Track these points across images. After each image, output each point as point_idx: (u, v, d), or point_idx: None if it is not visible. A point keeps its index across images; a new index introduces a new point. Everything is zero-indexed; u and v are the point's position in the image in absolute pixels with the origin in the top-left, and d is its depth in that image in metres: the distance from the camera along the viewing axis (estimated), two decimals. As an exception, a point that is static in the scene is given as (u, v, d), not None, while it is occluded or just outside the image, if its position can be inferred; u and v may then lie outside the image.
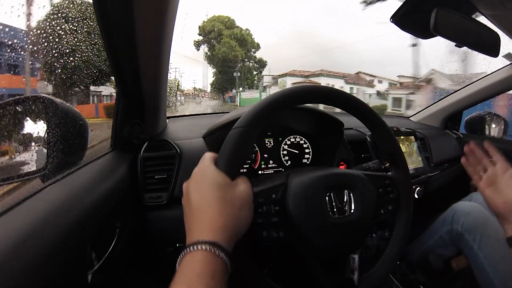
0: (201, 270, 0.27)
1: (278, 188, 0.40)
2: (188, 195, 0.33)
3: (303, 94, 0.42)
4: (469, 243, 0.77)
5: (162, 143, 0.66)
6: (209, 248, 0.28)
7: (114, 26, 0.45)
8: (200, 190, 0.32)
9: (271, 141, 0.75)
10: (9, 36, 1.87)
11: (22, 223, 0.32)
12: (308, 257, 0.41)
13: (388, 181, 0.48)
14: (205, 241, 0.28)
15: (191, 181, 0.34)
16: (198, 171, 0.34)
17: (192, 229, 0.31)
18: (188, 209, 0.33)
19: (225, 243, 0.30)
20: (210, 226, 0.30)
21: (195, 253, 0.28)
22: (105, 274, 0.43)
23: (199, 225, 0.30)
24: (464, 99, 1.25)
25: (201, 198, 0.32)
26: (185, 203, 0.34)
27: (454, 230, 0.82)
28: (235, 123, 0.38)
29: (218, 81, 30.20)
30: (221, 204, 0.32)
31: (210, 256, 0.28)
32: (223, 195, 0.32)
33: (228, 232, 0.31)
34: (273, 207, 0.39)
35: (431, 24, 0.53)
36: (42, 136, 0.50)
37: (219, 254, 0.28)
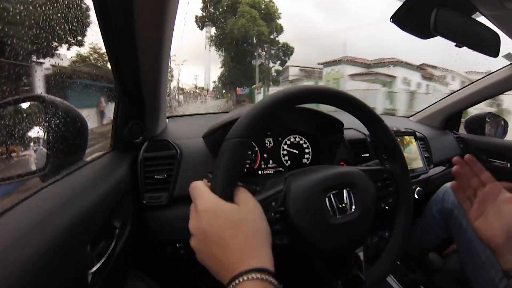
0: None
1: (277, 195, 0.40)
2: (206, 236, 0.32)
3: (302, 94, 0.41)
4: (458, 219, 0.81)
5: (162, 143, 0.66)
6: (256, 276, 0.28)
7: (114, 26, 0.45)
8: (218, 226, 0.32)
9: (271, 141, 0.75)
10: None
11: (22, 223, 0.32)
12: (313, 260, 0.42)
13: (386, 175, 0.48)
14: (249, 270, 0.28)
15: (203, 221, 0.33)
16: (204, 210, 0.33)
17: (226, 265, 0.30)
18: (212, 248, 0.31)
19: (268, 264, 0.30)
20: (246, 253, 0.30)
21: (243, 284, 0.28)
22: (105, 274, 0.43)
23: (233, 258, 0.30)
24: (464, 99, 1.25)
25: (223, 232, 0.31)
26: (203, 245, 0.33)
27: (445, 208, 0.87)
28: (229, 133, 0.36)
29: (230, 73, 20.80)
30: (245, 228, 0.32)
31: (260, 284, 0.28)
32: (242, 221, 0.32)
33: (265, 251, 0.31)
34: (274, 215, 0.38)
35: (431, 24, 0.53)
36: (42, 136, 0.50)
37: (267, 279, 0.28)
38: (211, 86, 29.33)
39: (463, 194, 0.54)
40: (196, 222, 0.33)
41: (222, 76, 22.60)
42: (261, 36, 19.24)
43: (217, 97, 25.64)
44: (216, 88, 27.51)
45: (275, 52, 21.51)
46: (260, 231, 0.33)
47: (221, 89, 25.05)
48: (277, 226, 0.38)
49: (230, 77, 20.85)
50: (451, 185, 0.56)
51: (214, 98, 25.42)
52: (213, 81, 28.58)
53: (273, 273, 0.29)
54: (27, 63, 0.70)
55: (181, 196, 0.59)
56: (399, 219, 0.48)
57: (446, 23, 0.55)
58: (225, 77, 21.87)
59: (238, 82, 20.54)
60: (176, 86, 20.18)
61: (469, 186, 0.54)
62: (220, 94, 25.17)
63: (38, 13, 0.49)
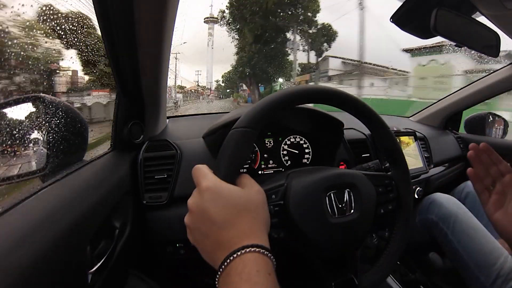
0: (258, 267, 0.27)
1: (278, 188, 0.40)
2: (205, 214, 0.32)
3: (313, 93, 0.42)
4: (443, 230, 0.83)
5: (162, 143, 0.66)
6: (257, 250, 0.29)
7: (114, 26, 0.45)
8: (220, 205, 0.32)
9: (271, 141, 0.75)
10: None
11: (22, 223, 0.32)
12: (308, 258, 0.41)
13: (388, 181, 0.48)
14: (249, 244, 0.29)
15: (203, 200, 0.32)
16: (206, 187, 0.33)
17: (225, 243, 0.30)
18: (211, 227, 0.31)
19: (266, 245, 0.30)
20: (247, 234, 0.30)
21: (244, 256, 0.28)
22: (105, 274, 0.43)
23: (233, 237, 0.30)
24: (464, 99, 1.25)
25: (225, 212, 0.31)
26: (200, 222, 0.32)
27: (429, 219, 0.88)
28: (235, 123, 0.37)
29: (252, 60, 13.61)
30: (248, 212, 0.32)
31: (260, 256, 0.28)
32: (246, 204, 0.33)
33: (264, 236, 0.32)
34: (273, 208, 0.39)
35: (431, 24, 0.53)
36: (42, 136, 0.50)
37: (267, 254, 0.29)
38: (213, 86, 27.40)
39: (481, 183, 0.51)
40: (196, 199, 0.33)
41: (238, 65, 15.67)
42: (305, 8, 11.65)
43: (219, 97, 23.00)
44: (219, 88, 24.85)
45: (314, 36, 14.33)
46: (261, 217, 0.33)
47: (225, 88, 22.13)
48: (275, 219, 0.38)
49: (252, 66, 14.07)
50: (468, 171, 0.52)
51: (216, 99, 22.90)
52: (216, 80, 27.05)
53: (271, 252, 0.30)
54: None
55: (181, 196, 0.59)
56: (397, 226, 0.47)
57: (446, 23, 0.55)
58: (242, 68, 15.03)
59: (263, 73, 13.75)
60: (174, 82, 17.09)
61: (487, 175, 0.50)
62: (224, 94, 22.76)
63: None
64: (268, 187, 0.40)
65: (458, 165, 1.25)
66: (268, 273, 0.27)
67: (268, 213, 0.35)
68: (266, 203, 0.35)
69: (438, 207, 0.87)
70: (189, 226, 0.33)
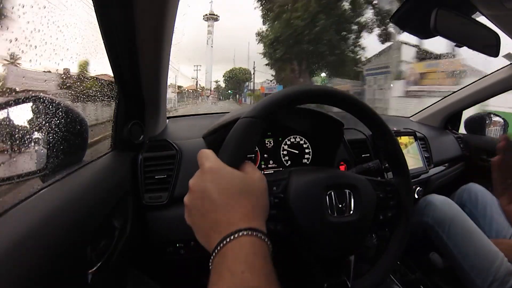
0: (255, 250, 0.27)
1: (280, 181, 0.41)
2: (205, 194, 0.32)
3: (321, 93, 0.42)
4: (439, 234, 0.83)
5: (162, 143, 0.66)
6: (255, 234, 0.28)
7: (114, 26, 0.45)
8: (221, 186, 0.32)
9: (271, 141, 0.75)
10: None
11: (22, 223, 0.32)
12: (302, 254, 0.41)
13: (390, 188, 0.48)
14: (248, 228, 0.29)
15: (205, 180, 0.32)
16: (209, 168, 0.33)
17: (222, 225, 0.30)
18: (210, 207, 0.31)
19: (264, 229, 0.30)
20: (245, 218, 0.30)
21: (242, 239, 0.28)
22: (105, 274, 0.43)
23: (231, 219, 0.30)
24: (464, 99, 1.25)
25: (225, 194, 0.31)
26: (200, 202, 0.32)
27: (424, 222, 0.88)
28: (245, 113, 0.37)
29: (311, 32, 9.82)
30: (248, 196, 0.32)
31: (257, 240, 0.28)
32: (247, 188, 0.33)
33: (261, 220, 0.32)
34: (273, 199, 0.39)
35: (431, 24, 0.53)
36: (42, 136, 0.50)
37: (264, 238, 0.29)
38: (213, 86, 26.17)
39: (501, 173, 0.52)
40: (198, 179, 0.33)
41: (286, 36, 10.57)
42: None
43: (219, 98, 21.62)
44: (219, 88, 23.50)
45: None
46: (261, 203, 0.33)
47: (225, 89, 20.80)
48: (273, 210, 0.38)
49: (293, 45, 9.90)
50: (493, 159, 0.53)
51: (216, 99, 21.58)
52: (215, 81, 26.00)
53: (268, 237, 0.30)
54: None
55: (181, 196, 0.59)
56: (395, 234, 0.47)
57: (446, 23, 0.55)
58: (291, 39, 10.08)
59: (313, 56, 9.45)
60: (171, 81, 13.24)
61: (509, 169, 0.52)
62: (224, 95, 21.52)
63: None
64: (270, 179, 0.40)
65: (458, 165, 1.25)
66: (264, 256, 0.27)
67: (268, 201, 0.35)
68: (267, 190, 0.35)
69: (433, 210, 0.87)
70: (187, 205, 0.33)
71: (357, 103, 0.44)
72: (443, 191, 1.04)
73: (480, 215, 0.94)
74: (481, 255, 0.74)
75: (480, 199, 0.97)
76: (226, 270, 0.26)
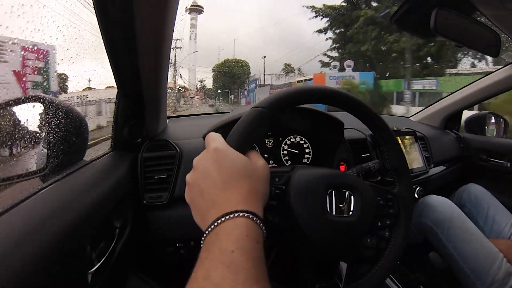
0: (248, 233, 0.27)
1: (282, 173, 0.41)
2: (208, 172, 0.32)
3: (331, 95, 0.43)
4: (438, 235, 0.83)
5: (162, 143, 0.66)
6: (251, 217, 0.28)
7: (114, 26, 0.45)
8: (224, 166, 0.32)
9: (271, 141, 0.75)
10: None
11: (22, 223, 0.32)
12: (297, 251, 0.41)
13: (391, 196, 0.48)
14: (244, 210, 0.29)
15: (209, 159, 0.33)
16: (214, 149, 0.33)
17: (220, 204, 0.30)
18: (210, 185, 0.32)
19: (260, 215, 0.30)
20: (243, 200, 0.30)
21: (237, 219, 0.28)
22: (105, 273, 0.43)
23: (229, 200, 0.30)
24: (464, 99, 1.25)
25: (227, 174, 0.32)
26: (201, 179, 0.32)
27: (423, 223, 0.88)
28: (256, 103, 0.39)
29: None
30: (249, 180, 0.32)
31: (252, 223, 0.28)
32: (249, 172, 0.33)
33: (260, 205, 0.32)
34: (274, 190, 0.39)
35: (431, 24, 0.54)
36: (42, 136, 0.50)
37: (259, 223, 0.29)
38: (195, 87, 21.92)
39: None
40: (202, 157, 0.34)
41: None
42: None
43: (207, 99, 17.97)
44: (203, 88, 19.96)
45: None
46: (261, 189, 0.34)
47: (214, 88, 17.53)
48: (273, 201, 0.38)
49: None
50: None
51: (202, 101, 18.04)
52: (200, 80, 22.45)
53: (263, 222, 0.30)
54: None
55: (181, 196, 0.59)
56: (392, 243, 0.47)
57: (446, 23, 0.55)
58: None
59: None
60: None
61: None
62: (211, 96, 18.25)
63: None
64: (273, 170, 0.40)
65: (458, 165, 1.25)
66: (257, 241, 0.27)
67: (269, 189, 0.36)
68: (268, 178, 0.36)
69: (432, 211, 0.87)
70: (189, 182, 0.34)
71: (368, 112, 0.45)
72: (442, 191, 1.04)
73: (479, 216, 0.94)
74: (480, 256, 0.74)
75: (480, 200, 0.97)
76: (216, 247, 0.26)
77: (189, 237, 0.59)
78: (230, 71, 32.33)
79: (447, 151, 1.21)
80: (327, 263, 0.44)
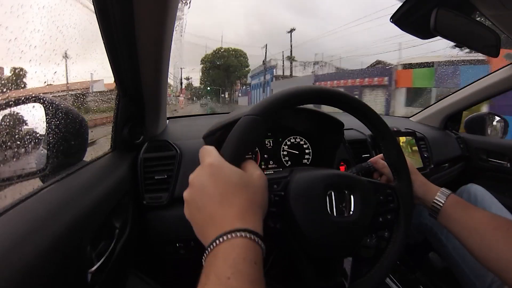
0: (245, 255, 0.27)
1: (280, 180, 0.41)
2: (204, 188, 0.32)
3: (325, 94, 0.42)
4: (437, 235, 0.82)
5: (162, 144, 0.66)
6: (248, 235, 0.28)
7: (114, 26, 0.45)
8: (220, 181, 0.32)
9: (271, 142, 0.75)
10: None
11: (22, 223, 0.32)
12: (301, 256, 0.41)
13: (390, 191, 0.48)
14: (242, 228, 0.28)
15: (204, 174, 0.33)
16: (209, 164, 0.33)
17: (218, 220, 0.30)
18: (208, 201, 0.31)
19: (259, 231, 0.30)
20: (242, 215, 0.30)
21: (234, 240, 0.28)
22: (105, 273, 0.43)
23: (227, 215, 0.30)
24: (464, 99, 1.25)
25: (223, 189, 0.31)
26: (198, 196, 0.32)
27: (423, 224, 0.88)
28: (247, 111, 0.38)
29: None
30: (246, 193, 0.32)
31: (250, 243, 0.28)
32: (245, 184, 0.33)
33: (259, 220, 0.32)
34: (274, 197, 0.39)
35: (431, 24, 0.53)
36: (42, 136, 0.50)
37: (257, 241, 0.29)
38: (180, 84, 19.65)
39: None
40: (198, 174, 0.34)
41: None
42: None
43: (192, 99, 15.00)
44: (189, 87, 17.37)
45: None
46: (259, 201, 0.33)
47: (202, 85, 15.11)
48: (273, 208, 0.38)
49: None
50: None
51: (189, 101, 15.33)
52: (185, 78, 20.27)
53: (263, 238, 0.30)
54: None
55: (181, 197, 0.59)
56: (394, 238, 0.47)
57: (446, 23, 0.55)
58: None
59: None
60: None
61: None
62: (198, 95, 15.74)
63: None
64: (271, 177, 0.40)
65: (458, 165, 1.25)
66: (255, 262, 0.27)
67: (267, 200, 0.35)
68: (266, 189, 0.35)
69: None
70: (186, 199, 0.34)
71: (360, 105, 0.45)
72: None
73: None
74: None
75: (480, 200, 0.97)
76: (213, 273, 0.26)
77: (189, 237, 0.59)
78: (224, 62, 27.40)
79: (447, 151, 1.21)
80: (330, 261, 0.44)
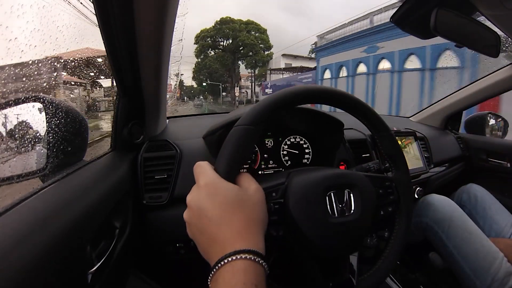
0: (246, 279, 0.27)
1: (278, 186, 0.40)
2: (202, 211, 0.32)
3: (308, 93, 0.42)
4: (438, 234, 0.83)
5: (162, 143, 0.66)
6: (249, 257, 0.28)
7: (114, 26, 0.45)
8: (216, 202, 0.32)
9: (271, 141, 0.75)
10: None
11: (22, 223, 0.32)
12: (307, 258, 0.41)
13: (389, 183, 0.48)
14: (243, 250, 0.28)
15: (201, 197, 0.33)
16: (205, 184, 0.33)
17: (219, 242, 0.30)
18: (207, 223, 0.31)
19: (261, 249, 0.30)
20: (241, 235, 0.30)
21: (235, 262, 0.28)
22: (105, 274, 0.43)
23: (227, 236, 0.30)
24: (464, 99, 1.25)
25: (221, 210, 0.31)
26: (197, 218, 0.33)
27: (423, 222, 0.88)
28: (237, 121, 0.37)
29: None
30: (244, 210, 0.32)
31: (252, 265, 0.28)
32: (242, 202, 0.33)
33: (259, 236, 0.32)
34: (273, 206, 0.39)
35: (431, 24, 0.54)
36: (42, 136, 0.50)
37: (259, 261, 0.29)
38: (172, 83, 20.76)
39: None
40: (194, 195, 0.34)
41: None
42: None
43: (183, 99, 13.02)
44: (181, 85, 14.84)
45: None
46: (258, 216, 0.33)
47: (196, 82, 12.92)
48: (274, 216, 0.38)
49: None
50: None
51: (179, 101, 13.26)
52: (175, 74, 20.25)
53: (265, 258, 0.30)
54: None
55: (181, 196, 0.59)
56: (397, 229, 0.47)
57: (446, 23, 0.55)
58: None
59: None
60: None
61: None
62: (190, 94, 13.33)
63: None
64: (268, 185, 0.40)
65: (458, 165, 1.25)
66: (255, 284, 0.27)
67: (266, 213, 0.35)
68: (264, 202, 0.35)
69: (432, 210, 0.87)
70: (187, 221, 0.34)
71: (349, 99, 0.44)
72: (443, 191, 1.04)
73: (479, 216, 0.94)
74: (480, 255, 0.74)
75: (480, 200, 0.97)
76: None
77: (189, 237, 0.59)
78: (233, 40, 19.17)
79: (447, 151, 1.21)
80: (334, 261, 0.44)
